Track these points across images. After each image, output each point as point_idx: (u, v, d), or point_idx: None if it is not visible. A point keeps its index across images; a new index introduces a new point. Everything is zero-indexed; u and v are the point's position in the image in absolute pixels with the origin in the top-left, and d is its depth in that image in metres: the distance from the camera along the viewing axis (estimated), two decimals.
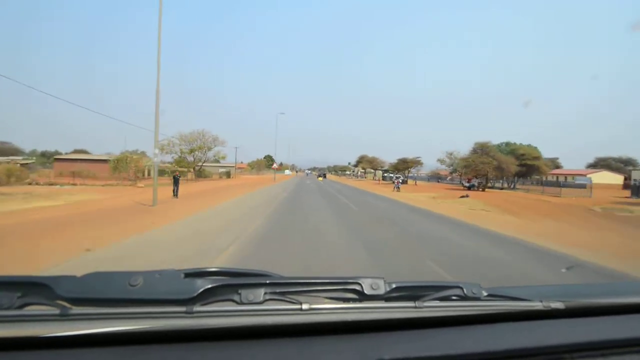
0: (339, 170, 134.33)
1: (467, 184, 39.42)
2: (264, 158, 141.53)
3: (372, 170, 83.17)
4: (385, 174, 64.18)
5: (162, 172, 55.98)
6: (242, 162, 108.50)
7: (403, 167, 55.89)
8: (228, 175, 54.48)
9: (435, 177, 69.22)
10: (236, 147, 60.42)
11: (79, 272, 0.82)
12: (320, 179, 56.89)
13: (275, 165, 44.75)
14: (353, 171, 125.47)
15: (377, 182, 53.64)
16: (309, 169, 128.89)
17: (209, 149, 44.25)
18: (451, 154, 59.13)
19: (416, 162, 53.97)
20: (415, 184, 52.45)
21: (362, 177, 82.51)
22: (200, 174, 49.64)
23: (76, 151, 47.81)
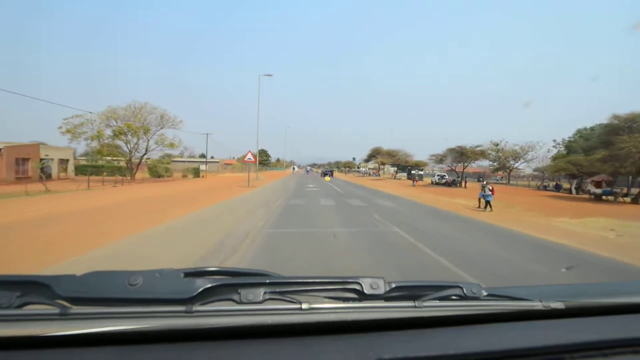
0: (343, 166, 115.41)
1: (597, 191, 23.67)
2: (257, 153, 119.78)
3: (383, 166, 64.85)
4: (414, 171, 51.94)
5: (84, 169, 35.18)
6: (233, 158, 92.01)
7: (459, 161, 36.85)
8: (197, 173, 36.67)
9: (471, 175, 50.40)
10: (207, 134, 43.34)
11: None
12: (327, 178, 45.59)
13: (250, 157, 25.47)
14: (358, 167, 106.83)
15: (414, 184, 34.66)
16: (309, 166, 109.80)
17: (146, 130, 25.24)
18: (497, 144, 39.22)
19: (478, 154, 35.24)
20: (463, 187, 32.91)
21: (376, 175, 64.28)
22: (154, 172, 31.15)
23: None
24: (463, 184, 35.88)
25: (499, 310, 0.93)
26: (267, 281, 0.86)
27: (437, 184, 39.17)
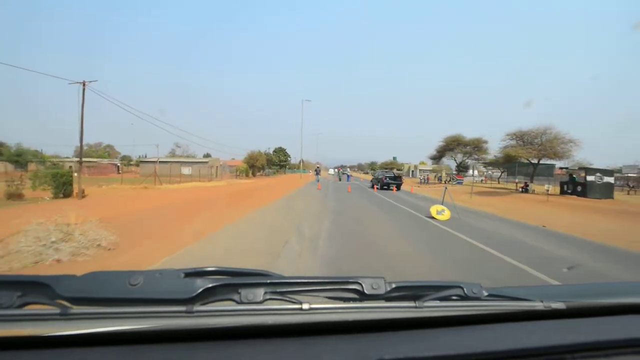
0: (379, 169, 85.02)
1: None
2: (274, 152, 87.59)
3: (477, 169, 35.31)
4: (605, 177, 22.62)
5: None
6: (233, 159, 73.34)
7: None
8: (63, 184, 9.51)
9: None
10: (83, 82, 15.23)
11: None
12: (445, 214, 9.34)
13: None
14: (400, 169, 76.66)
15: None
16: (341, 167, 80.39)
17: None
18: None
19: None
20: None
21: (458, 182, 35.28)
22: None
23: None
24: None
25: (500, 311, 0.93)
26: (268, 281, 0.86)
27: None
